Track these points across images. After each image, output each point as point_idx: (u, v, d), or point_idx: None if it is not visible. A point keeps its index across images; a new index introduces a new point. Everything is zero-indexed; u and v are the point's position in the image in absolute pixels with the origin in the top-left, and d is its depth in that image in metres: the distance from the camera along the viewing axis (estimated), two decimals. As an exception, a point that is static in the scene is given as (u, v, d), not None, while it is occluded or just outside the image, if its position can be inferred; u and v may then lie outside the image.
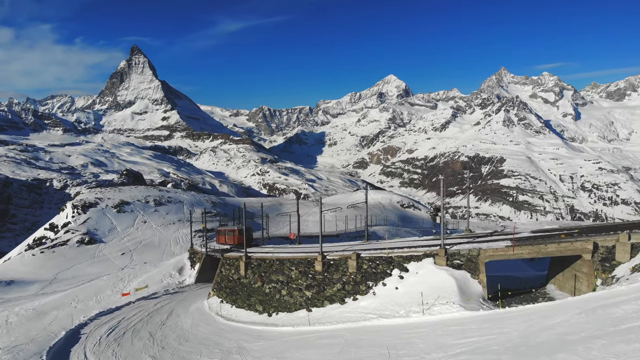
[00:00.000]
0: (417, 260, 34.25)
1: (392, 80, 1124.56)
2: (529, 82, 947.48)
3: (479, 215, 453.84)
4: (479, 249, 31.89)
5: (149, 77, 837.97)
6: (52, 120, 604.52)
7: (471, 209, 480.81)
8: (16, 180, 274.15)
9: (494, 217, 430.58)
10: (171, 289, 60.71)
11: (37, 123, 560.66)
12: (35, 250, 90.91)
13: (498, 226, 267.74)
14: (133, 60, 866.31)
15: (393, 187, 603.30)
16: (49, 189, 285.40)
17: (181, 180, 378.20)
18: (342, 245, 51.52)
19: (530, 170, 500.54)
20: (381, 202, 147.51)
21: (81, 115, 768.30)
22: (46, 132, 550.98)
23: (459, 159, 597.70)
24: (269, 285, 44.37)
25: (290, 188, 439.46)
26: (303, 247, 53.79)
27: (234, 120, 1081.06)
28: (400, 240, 49.18)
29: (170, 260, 74.72)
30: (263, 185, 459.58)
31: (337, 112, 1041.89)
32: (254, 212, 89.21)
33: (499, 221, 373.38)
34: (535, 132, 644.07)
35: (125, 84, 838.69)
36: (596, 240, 29.53)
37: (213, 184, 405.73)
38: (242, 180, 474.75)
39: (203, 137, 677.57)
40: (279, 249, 53.05)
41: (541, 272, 39.93)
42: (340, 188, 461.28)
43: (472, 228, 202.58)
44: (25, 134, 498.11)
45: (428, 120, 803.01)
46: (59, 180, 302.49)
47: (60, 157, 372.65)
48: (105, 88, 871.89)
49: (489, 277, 36.56)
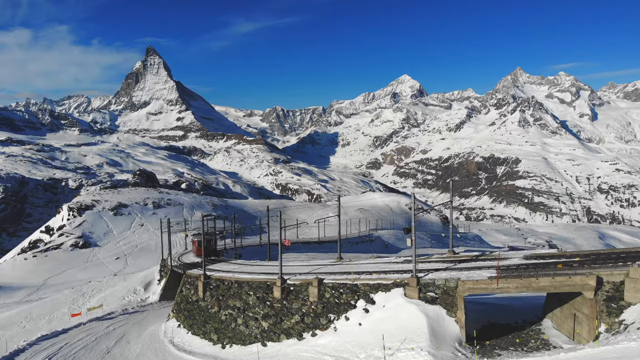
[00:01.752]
0: (386, 290, 29.37)
1: (406, 80, 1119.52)
2: (545, 82, 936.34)
3: (494, 217, 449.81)
4: (458, 280, 26.51)
5: (164, 78, 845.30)
6: (68, 120, 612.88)
7: (486, 210, 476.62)
8: (32, 180, 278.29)
9: (508, 218, 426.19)
10: (131, 308, 55.21)
11: (53, 123, 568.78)
12: (28, 254, 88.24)
13: (512, 228, 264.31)
14: (148, 61, 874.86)
15: (407, 188, 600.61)
16: (65, 189, 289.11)
17: (195, 180, 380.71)
18: (316, 262, 45.00)
19: (546, 171, 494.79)
20: (389, 205, 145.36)
21: (97, 116, 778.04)
22: (62, 132, 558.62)
23: (474, 159, 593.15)
24: (226, 311, 39.35)
25: (303, 188, 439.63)
26: (270, 265, 46.46)
27: (247, 120, 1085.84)
28: (374, 260, 42.45)
29: (140, 274, 68.47)
30: (276, 185, 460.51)
31: (350, 113, 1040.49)
32: (257, 215, 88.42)
33: (513, 223, 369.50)
34: (551, 133, 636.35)
35: (141, 85, 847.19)
36: (600, 273, 23.78)
37: (226, 184, 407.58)
38: (255, 181, 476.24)
39: (217, 138, 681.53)
40: (246, 266, 47.44)
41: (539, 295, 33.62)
42: (353, 189, 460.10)
43: (485, 231, 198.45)
44: (42, 134, 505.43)
45: (442, 121, 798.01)
46: (74, 180, 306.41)
47: (76, 157, 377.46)
48: (121, 89, 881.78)
49: (474, 303, 33.75)
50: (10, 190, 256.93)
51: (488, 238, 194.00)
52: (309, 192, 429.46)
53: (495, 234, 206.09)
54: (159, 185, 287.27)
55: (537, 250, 31.95)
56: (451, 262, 33.27)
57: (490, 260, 31.41)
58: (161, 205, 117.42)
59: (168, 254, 63.67)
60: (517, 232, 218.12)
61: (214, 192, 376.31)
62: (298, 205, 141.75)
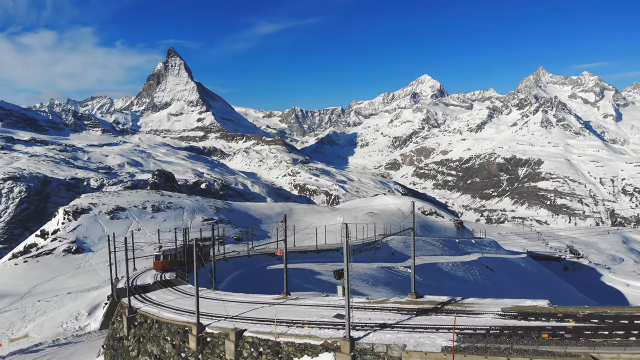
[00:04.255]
0: (313, 354, 22.50)
1: (427, 80, 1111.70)
2: (568, 82, 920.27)
3: (515, 219, 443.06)
4: (402, 349, 19.14)
5: (185, 79, 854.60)
6: (91, 121, 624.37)
7: (507, 212, 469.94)
8: (54, 180, 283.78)
9: (530, 220, 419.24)
10: (63, 338, 46.97)
11: (76, 124, 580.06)
12: (19, 259, 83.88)
13: (533, 232, 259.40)
14: (169, 62, 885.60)
15: (426, 189, 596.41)
16: (86, 188, 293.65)
17: (214, 181, 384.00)
18: (257, 298, 35.28)
19: (569, 173, 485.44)
20: (400, 209, 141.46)
21: (119, 116, 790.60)
22: (85, 132, 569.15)
23: (495, 160, 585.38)
24: (144, 357, 33.01)
25: (321, 189, 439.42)
26: (215, 298, 37.57)
27: (267, 121, 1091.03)
28: (322, 299, 32.28)
29: (92, 293, 59.97)
30: (294, 186, 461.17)
31: (369, 113, 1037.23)
32: (262, 218, 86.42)
33: (534, 226, 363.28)
34: (575, 134, 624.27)
35: (162, 86, 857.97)
36: (601, 355, 15.56)
37: (245, 184, 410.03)
38: (273, 181, 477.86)
39: (236, 138, 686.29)
40: (184, 298, 38.99)
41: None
42: (372, 189, 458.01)
43: (505, 235, 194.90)
44: (65, 134, 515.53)
45: (463, 121, 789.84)
46: (96, 180, 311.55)
47: (98, 157, 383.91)
48: (143, 90, 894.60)
49: None
50: (33, 190, 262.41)
51: (507, 242, 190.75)
52: (327, 193, 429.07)
53: (514, 238, 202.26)
54: (177, 185, 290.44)
55: (522, 302, 24.00)
56: (408, 312, 25.39)
57: (461, 315, 23.28)
58: (160, 208, 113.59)
59: (126, 273, 55.63)
60: (537, 236, 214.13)
61: (233, 192, 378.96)
62: (305, 209, 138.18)
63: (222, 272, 53.61)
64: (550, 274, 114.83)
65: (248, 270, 57.06)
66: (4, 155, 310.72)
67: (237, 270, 56.76)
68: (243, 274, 54.74)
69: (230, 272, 55.13)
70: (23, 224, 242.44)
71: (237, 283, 50.27)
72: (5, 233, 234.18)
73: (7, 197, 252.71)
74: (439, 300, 26.82)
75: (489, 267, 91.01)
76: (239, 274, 55.01)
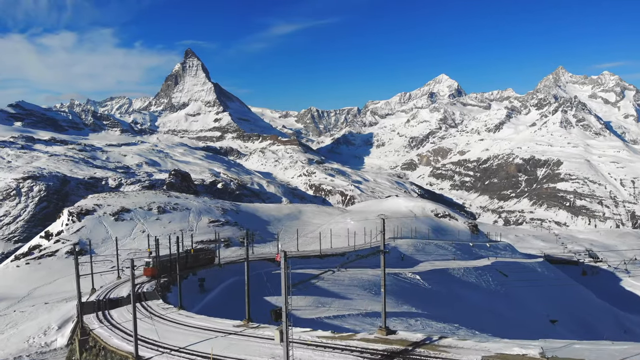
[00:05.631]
0: None
1: (444, 79, 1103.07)
2: (588, 81, 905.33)
3: (533, 220, 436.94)
4: None
5: (202, 80, 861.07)
6: (110, 121, 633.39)
7: (525, 213, 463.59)
8: (73, 179, 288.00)
9: (548, 222, 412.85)
10: (26, 356, 42.48)
11: (96, 124, 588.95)
12: (21, 260, 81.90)
13: (551, 234, 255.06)
14: (187, 63, 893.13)
15: (443, 190, 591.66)
16: (105, 188, 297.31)
17: (230, 180, 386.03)
18: (215, 323, 32.36)
19: (589, 174, 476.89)
20: (413, 211, 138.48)
21: (138, 117, 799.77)
22: (104, 132, 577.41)
23: (514, 161, 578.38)
24: None
25: (336, 189, 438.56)
26: (173, 317, 34.59)
27: (283, 121, 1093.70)
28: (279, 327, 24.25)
29: (67, 305, 54.35)
30: (309, 186, 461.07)
31: (385, 113, 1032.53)
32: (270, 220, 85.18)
33: (552, 228, 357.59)
34: (595, 134, 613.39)
35: (180, 87, 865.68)
36: None
37: (261, 184, 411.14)
38: (289, 181, 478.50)
39: (253, 138, 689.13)
40: (146, 320, 34.48)
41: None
42: (387, 190, 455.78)
43: (522, 237, 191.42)
44: (84, 134, 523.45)
45: (481, 121, 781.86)
46: (114, 179, 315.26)
47: (117, 157, 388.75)
48: (161, 90, 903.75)
49: None
50: (52, 189, 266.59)
51: (524, 244, 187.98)
52: (342, 193, 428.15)
53: (532, 240, 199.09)
54: (193, 185, 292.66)
55: (508, 349, 18.31)
56: (371, 355, 21.03)
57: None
58: (166, 210, 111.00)
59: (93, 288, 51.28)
60: (555, 238, 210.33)
61: (249, 192, 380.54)
62: (314, 211, 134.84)
63: (215, 280, 51.60)
64: (567, 279, 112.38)
65: (242, 278, 54.39)
66: (24, 155, 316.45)
67: (232, 277, 54.03)
68: (236, 282, 51.63)
69: (224, 280, 52.52)
70: (42, 222, 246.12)
71: (227, 293, 47.76)
72: (25, 231, 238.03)
73: (26, 195, 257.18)
74: (412, 340, 22.67)
75: (503, 273, 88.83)
76: (232, 282, 52.32)
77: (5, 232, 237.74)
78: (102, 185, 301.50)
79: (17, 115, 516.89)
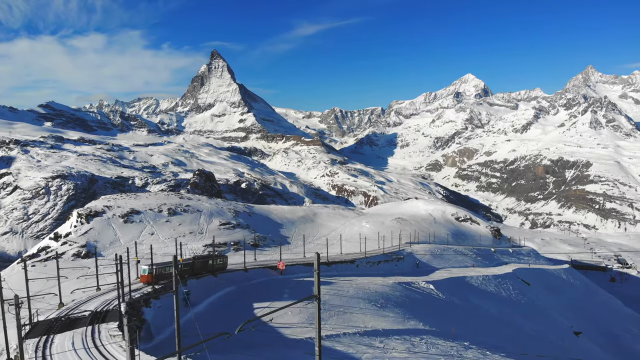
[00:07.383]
0: None
1: (470, 79, 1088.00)
2: (619, 81, 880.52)
3: (561, 222, 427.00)
4: None
5: (228, 81, 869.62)
6: (137, 121, 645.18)
7: (553, 216, 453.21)
8: (101, 178, 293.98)
9: (577, 225, 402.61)
10: None
11: (124, 124, 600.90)
12: (28, 262, 78.10)
13: (578, 238, 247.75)
14: (213, 64, 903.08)
15: (469, 191, 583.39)
16: (131, 187, 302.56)
17: (254, 180, 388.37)
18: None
19: (619, 176, 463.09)
20: (432, 215, 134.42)
21: (164, 117, 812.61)
22: (132, 132, 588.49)
23: (541, 162, 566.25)
24: None
25: (359, 190, 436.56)
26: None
27: (306, 122, 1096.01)
28: None
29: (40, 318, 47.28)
30: (332, 186, 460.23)
31: (410, 113, 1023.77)
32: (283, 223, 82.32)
33: (580, 232, 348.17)
34: (625, 135, 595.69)
35: (205, 87, 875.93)
36: None
37: (284, 184, 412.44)
38: (311, 181, 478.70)
39: (276, 139, 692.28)
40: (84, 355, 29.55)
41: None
42: (411, 191, 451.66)
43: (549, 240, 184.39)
44: (112, 134, 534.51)
45: (508, 121, 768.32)
46: (141, 179, 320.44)
47: (143, 157, 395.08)
48: (187, 91, 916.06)
49: None
50: (81, 188, 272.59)
51: (551, 248, 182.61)
52: (365, 194, 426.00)
53: (559, 244, 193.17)
54: (217, 185, 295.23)
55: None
56: None
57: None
58: (177, 212, 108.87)
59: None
60: (583, 243, 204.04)
61: (272, 192, 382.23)
62: (330, 213, 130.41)
63: (206, 291, 47.99)
64: (594, 287, 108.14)
65: (238, 288, 50.60)
66: (53, 154, 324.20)
67: (226, 287, 50.50)
68: (230, 294, 48.66)
69: (216, 291, 48.70)
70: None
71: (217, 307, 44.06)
72: (53, 230, 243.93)
73: (55, 194, 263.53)
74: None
75: (525, 281, 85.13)
76: (224, 294, 48.74)
77: (34, 230, 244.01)
78: (129, 185, 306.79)
79: (47, 115, 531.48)
